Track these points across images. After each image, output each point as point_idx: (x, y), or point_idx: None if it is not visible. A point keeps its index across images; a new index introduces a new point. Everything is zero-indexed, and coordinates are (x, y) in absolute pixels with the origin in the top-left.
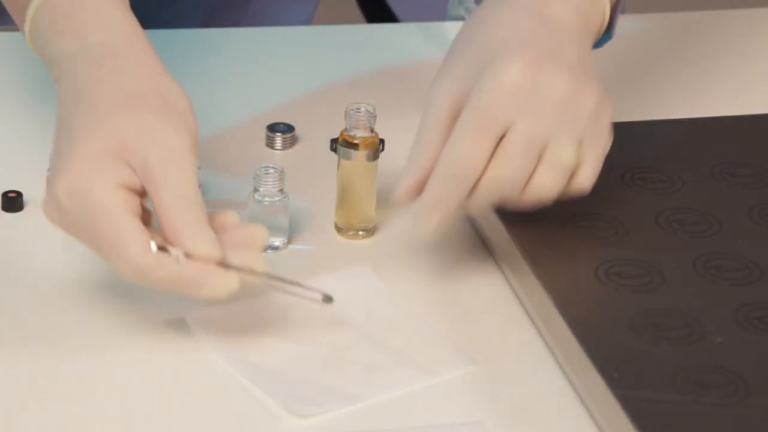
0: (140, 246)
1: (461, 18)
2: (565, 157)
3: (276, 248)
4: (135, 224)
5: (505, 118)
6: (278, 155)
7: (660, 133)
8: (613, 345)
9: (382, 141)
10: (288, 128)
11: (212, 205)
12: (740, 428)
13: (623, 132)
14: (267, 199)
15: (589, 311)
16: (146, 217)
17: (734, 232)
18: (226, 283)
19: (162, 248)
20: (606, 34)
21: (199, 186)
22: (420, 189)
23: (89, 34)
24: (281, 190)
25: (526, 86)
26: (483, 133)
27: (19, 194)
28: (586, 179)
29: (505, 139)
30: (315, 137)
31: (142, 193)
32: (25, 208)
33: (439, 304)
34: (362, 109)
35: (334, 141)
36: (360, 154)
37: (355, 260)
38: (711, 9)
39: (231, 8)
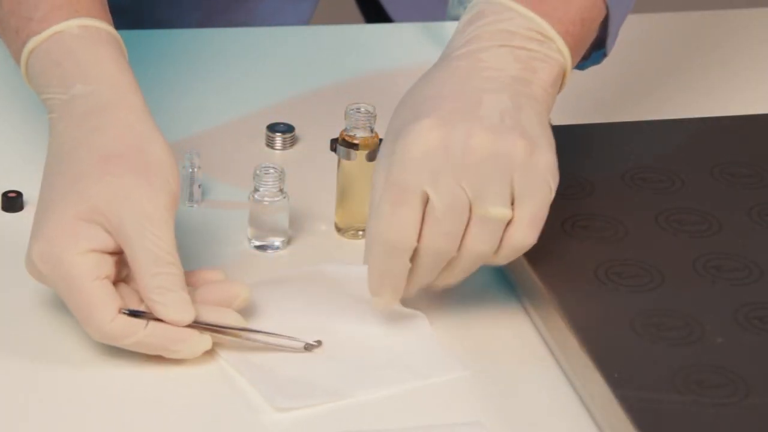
0: (108, 313)
1: None
2: (493, 213)
3: (276, 248)
4: (104, 291)
5: (417, 187)
6: (278, 155)
7: (660, 133)
8: (613, 345)
9: (381, 141)
10: (288, 128)
11: (211, 205)
12: (740, 428)
13: (623, 132)
14: (267, 199)
15: (589, 311)
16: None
17: (734, 232)
18: (198, 345)
19: (135, 313)
20: (598, 51)
21: (199, 187)
22: None
23: (76, 84)
24: (281, 190)
25: (437, 151)
26: (399, 204)
27: (19, 194)
28: (520, 235)
29: (429, 206)
30: (315, 137)
31: (120, 251)
32: (25, 208)
33: (437, 303)
34: (362, 109)
35: (334, 141)
36: (360, 154)
37: (354, 260)
38: (711, 9)
39: (230, 8)
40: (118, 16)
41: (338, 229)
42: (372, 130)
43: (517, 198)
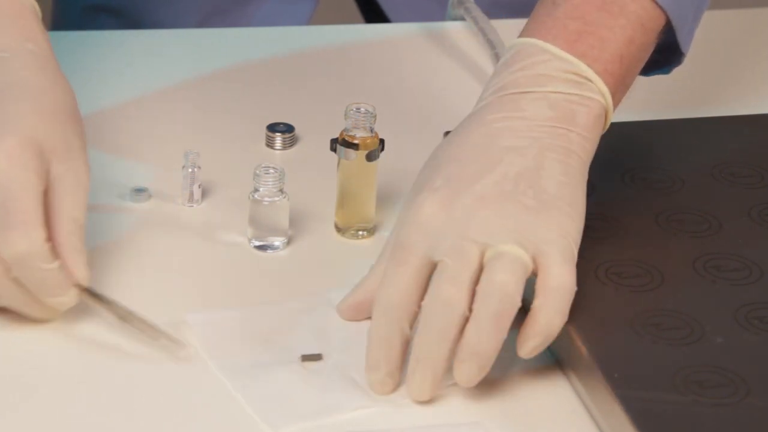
0: (44, 235)
1: (461, 18)
2: (505, 248)
3: (276, 248)
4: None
5: (420, 248)
6: (278, 155)
7: (660, 133)
8: (613, 345)
9: (382, 141)
10: (288, 128)
11: (211, 205)
12: (740, 428)
13: (623, 132)
14: (267, 199)
15: (589, 311)
16: None
17: (734, 232)
18: (71, 299)
19: None
20: (666, 68)
21: (199, 187)
22: (360, 311)
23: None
24: (281, 190)
25: (440, 216)
26: (401, 264)
27: None
28: (556, 270)
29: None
30: (315, 137)
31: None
32: None
33: None
34: (362, 109)
35: (334, 141)
36: (360, 154)
37: (354, 260)
38: (711, 9)
39: (230, 8)
40: (117, 17)
41: (338, 229)
42: (372, 130)
43: (535, 253)
